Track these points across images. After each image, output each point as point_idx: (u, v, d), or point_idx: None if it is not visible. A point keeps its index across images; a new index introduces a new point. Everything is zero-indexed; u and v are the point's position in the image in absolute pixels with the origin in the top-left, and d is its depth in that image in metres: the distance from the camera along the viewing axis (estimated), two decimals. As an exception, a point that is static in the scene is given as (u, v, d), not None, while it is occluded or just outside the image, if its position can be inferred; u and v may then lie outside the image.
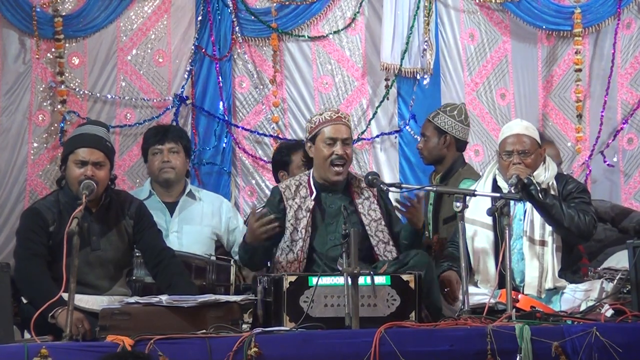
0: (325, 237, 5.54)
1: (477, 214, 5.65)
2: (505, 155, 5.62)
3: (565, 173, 6.70)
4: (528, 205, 5.62)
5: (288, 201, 5.61)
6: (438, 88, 7.57)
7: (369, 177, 5.48)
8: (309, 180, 5.67)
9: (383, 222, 5.61)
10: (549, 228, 5.58)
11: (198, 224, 6.26)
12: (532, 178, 5.50)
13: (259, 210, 5.65)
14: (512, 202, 5.36)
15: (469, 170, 6.47)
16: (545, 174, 5.64)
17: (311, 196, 5.60)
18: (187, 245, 6.08)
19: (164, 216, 6.19)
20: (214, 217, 6.33)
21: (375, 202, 5.64)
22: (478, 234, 5.67)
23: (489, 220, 5.62)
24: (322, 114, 5.66)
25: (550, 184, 5.62)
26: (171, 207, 6.25)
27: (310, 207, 5.57)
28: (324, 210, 5.59)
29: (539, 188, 5.48)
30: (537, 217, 5.61)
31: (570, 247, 5.67)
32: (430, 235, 6.42)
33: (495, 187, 5.65)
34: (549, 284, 5.52)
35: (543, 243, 5.59)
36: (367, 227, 5.57)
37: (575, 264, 5.71)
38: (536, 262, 5.56)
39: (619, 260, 5.85)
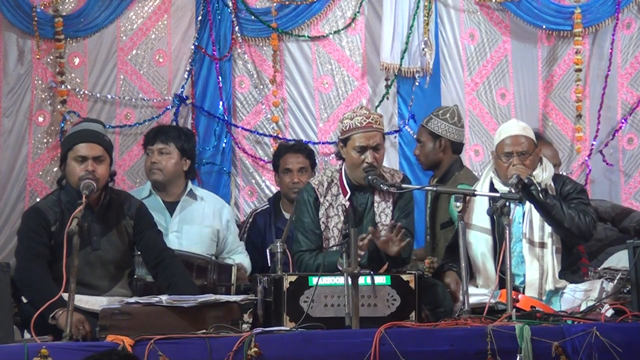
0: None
1: (474, 218, 5.64)
2: (505, 157, 5.60)
3: (564, 173, 6.71)
4: (527, 207, 5.60)
5: (321, 198, 5.56)
6: (438, 88, 7.57)
7: (369, 176, 5.44)
8: (341, 178, 5.60)
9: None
10: (548, 229, 5.57)
11: (198, 224, 6.22)
12: (532, 178, 5.49)
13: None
14: (511, 204, 5.35)
15: (466, 174, 6.41)
16: (543, 175, 5.62)
17: (345, 196, 5.54)
18: (187, 245, 6.05)
19: (164, 216, 6.17)
20: (215, 217, 6.29)
21: (391, 207, 5.58)
22: (476, 238, 5.65)
23: (486, 224, 5.61)
24: (354, 119, 5.49)
25: (548, 184, 5.61)
26: (171, 207, 6.23)
27: (346, 207, 5.49)
28: (356, 210, 5.52)
29: (539, 188, 5.47)
30: (536, 219, 5.59)
31: (569, 248, 5.66)
32: (429, 237, 6.42)
33: (493, 190, 5.60)
34: (549, 285, 5.51)
35: (543, 245, 5.58)
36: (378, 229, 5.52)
37: (574, 264, 5.71)
38: (536, 264, 5.54)
39: (619, 260, 5.84)
